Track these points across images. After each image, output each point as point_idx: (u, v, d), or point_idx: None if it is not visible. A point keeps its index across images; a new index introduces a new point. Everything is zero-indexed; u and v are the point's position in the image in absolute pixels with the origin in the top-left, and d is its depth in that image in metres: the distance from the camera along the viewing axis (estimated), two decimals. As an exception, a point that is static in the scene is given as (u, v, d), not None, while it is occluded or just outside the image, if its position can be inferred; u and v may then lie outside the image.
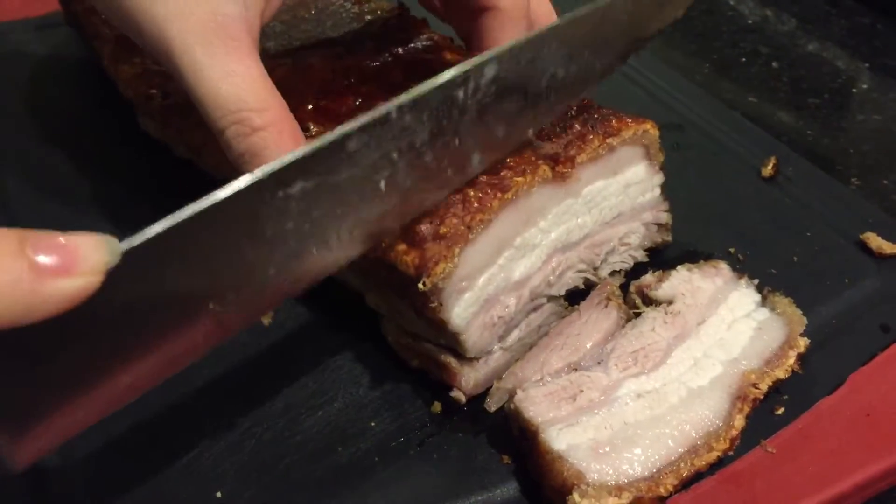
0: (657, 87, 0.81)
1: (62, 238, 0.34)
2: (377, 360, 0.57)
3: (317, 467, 0.51)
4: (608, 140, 0.56)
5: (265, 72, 0.52)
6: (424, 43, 0.66)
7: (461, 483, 0.50)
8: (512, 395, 0.51)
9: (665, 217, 0.62)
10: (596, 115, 0.57)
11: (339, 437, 0.52)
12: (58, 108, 0.81)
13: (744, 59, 0.93)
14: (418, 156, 0.46)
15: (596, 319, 0.55)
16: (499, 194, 0.51)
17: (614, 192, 0.58)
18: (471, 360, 0.53)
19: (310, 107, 0.60)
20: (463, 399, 0.53)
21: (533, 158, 0.54)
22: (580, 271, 0.59)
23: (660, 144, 0.59)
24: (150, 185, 0.70)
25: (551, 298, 0.58)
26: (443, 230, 0.50)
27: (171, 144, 0.69)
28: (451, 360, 0.53)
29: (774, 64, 0.93)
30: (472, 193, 0.51)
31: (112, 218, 0.67)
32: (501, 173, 0.52)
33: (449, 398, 0.54)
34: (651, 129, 0.58)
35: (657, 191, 0.61)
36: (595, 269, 0.60)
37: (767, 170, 0.71)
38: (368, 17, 0.71)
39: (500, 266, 0.53)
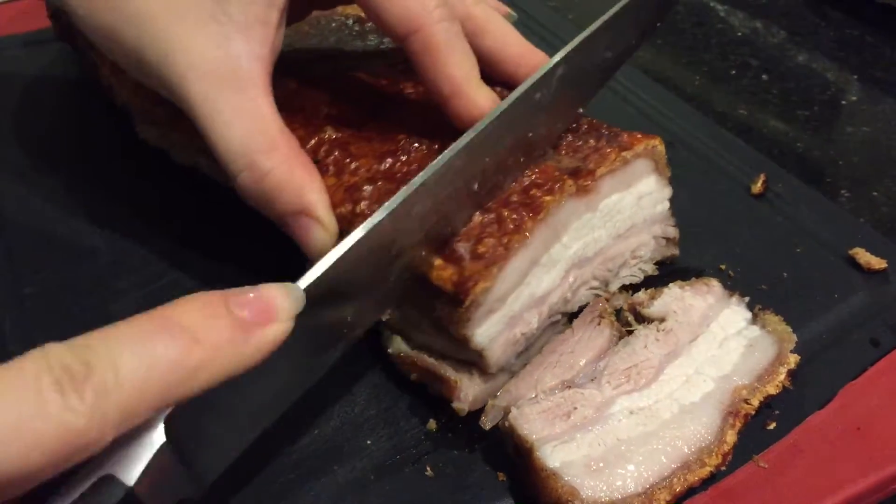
0: (647, 104, 0.82)
1: (253, 293, 0.39)
2: (373, 378, 0.57)
3: (313, 486, 0.51)
4: (623, 153, 0.56)
5: (275, 110, 0.53)
6: None
7: (457, 500, 0.50)
8: (506, 412, 0.51)
9: (673, 231, 0.63)
10: (605, 132, 0.58)
11: (336, 456, 0.53)
12: (50, 124, 0.81)
13: (734, 72, 0.94)
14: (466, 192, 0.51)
15: (589, 337, 0.55)
16: (532, 214, 0.52)
17: (628, 205, 0.59)
18: (471, 374, 0.54)
19: (322, 115, 0.60)
20: (464, 411, 0.53)
21: (556, 173, 0.54)
22: (593, 288, 0.60)
23: (667, 160, 0.60)
24: (152, 194, 0.71)
25: (565, 315, 0.59)
26: (481, 249, 0.50)
27: (172, 151, 0.69)
28: (451, 374, 0.53)
29: (764, 76, 0.93)
30: (506, 214, 0.52)
31: (118, 230, 0.67)
32: (531, 192, 0.53)
33: (444, 416, 0.54)
34: (659, 145, 0.59)
35: (666, 204, 0.62)
36: (607, 284, 0.61)
37: (757, 187, 0.71)
38: (371, 35, 0.71)
39: (527, 284, 0.53)
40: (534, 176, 0.54)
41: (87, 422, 0.32)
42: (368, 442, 0.53)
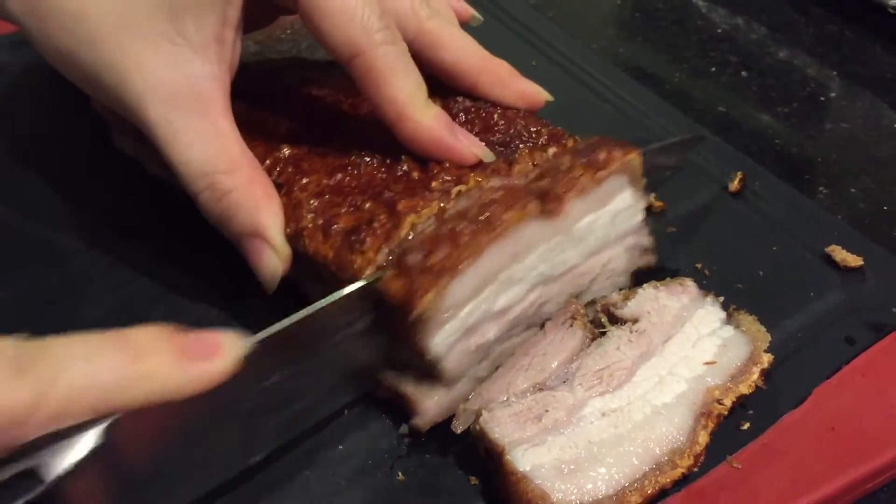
0: (625, 102, 0.81)
1: (203, 333, 0.42)
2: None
3: (284, 492, 0.51)
4: (598, 175, 0.55)
5: (235, 129, 0.54)
6: None
7: (429, 505, 0.50)
8: (478, 415, 0.51)
9: (647, 240, 0.62)
10: (582, 149, 0.57)
11: (307, 461, 0.52)
12: (31, 125, 0.80)
13: (714, 68, 0.94)
14: None
15: (561, 339, 0.55)
16: (487, 230, 0.51)
17: (602, 225, 0.58)
18: (431, 389, 0.53)
19: (283, 129, 0.60)
20: (424, 428, 0.53)
21: (521, 193, 0.53)
22: (559, 303, 0.59)
23: (643, 170, 0.59)
24: (125, 203, 0.70)
25: (529, 327, 0.58)
26: (431, 261, 0.49)
27: (145, 162, 0.69)
28: (410, 389, 0.53)
29: (744, 72, 0.93)
30: (460, 227, 0.51)
31: (91, 237, 0.67)
32: (491, 208, 0.52)
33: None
34: (636, 158, 0.57)
35: (640, 215, 0.61)
36: (577, 297, 0.59)
37: (734, 185, 0.71)
38: None
39: (484, 298, 0.52)
40: (496, 195, 0.53)
41: (25, 403, 0.35)
42: (340, 447, 0.53)
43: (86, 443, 0.38)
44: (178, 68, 0.52)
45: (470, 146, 0.56)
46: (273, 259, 0.53)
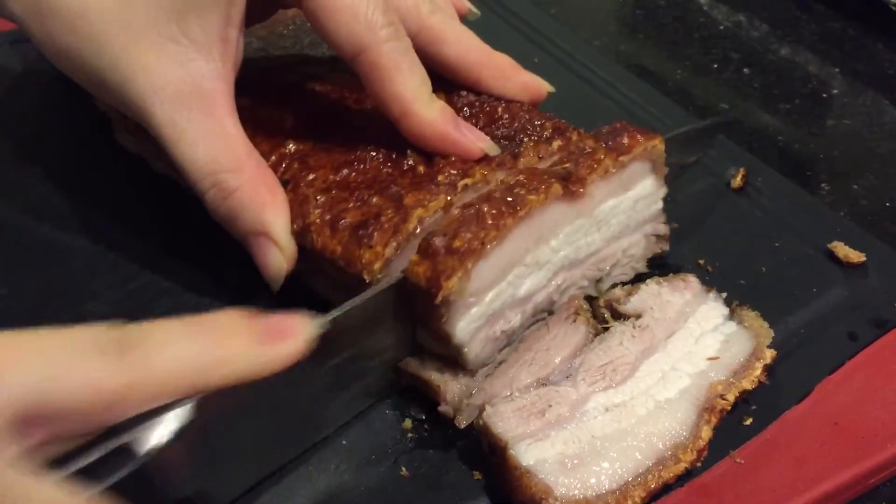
0: (627, 98, 0.81)
1: (276, 316, 0.43)
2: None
3: (287, 486, 0.51)
4: (620, 158, 0.56)
5: (240, 128, 0.54)
6: None
7: (432, 500, 0.50)
8: (481, 410, 0.51)
9: (664, 228, 0.63)
10: (605, 132, 0.58)
11: (311, 456, 0.52)
12: (35, 122, 0.80)
13: (716, 66, 0.94)
14: None
15: (565, 334, 0.55)
16: (513, 212, 0.51)
17: (624, 209, 0.58)
18: (454, 375, 0.53)
19: (289, 124, 0.60)
20: (451, 414, 0.53)
21: (545, 176, 0.53)
22: (582, 287, 0.59)
23: (665, 158, 0.59)
24: (129, 199, 0.70)
25: (552, 313, 0.58)
26: (456, 244, 0.49)
27: (149, 159, 0.69)
28: (434, 377, 0.53)
29: (746, 70, 0.93)
30: (485, 209, 0.51)
31: (91, 232, 0.67)
32: (515, 190, 0.52)
33: (420, 415, 0.54)
34: (660, 144, 0.58)
35: (660, 203, 0.61)
36: (598, 282, 0.60)
37: (736, 181, 0.71)
38: None
39: (509, 283, 0.53)
40: (521, 176, 0.53)
41: (124, 383, 0.37)
42: (344, 442, 0.53)
43: (173, 421, 0.40)
44: (182, 68, 0.52)
45: (475, 140, 0.56)
46: (278, 257, 0.53)
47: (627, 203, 0.58)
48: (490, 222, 0.50)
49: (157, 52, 0.53)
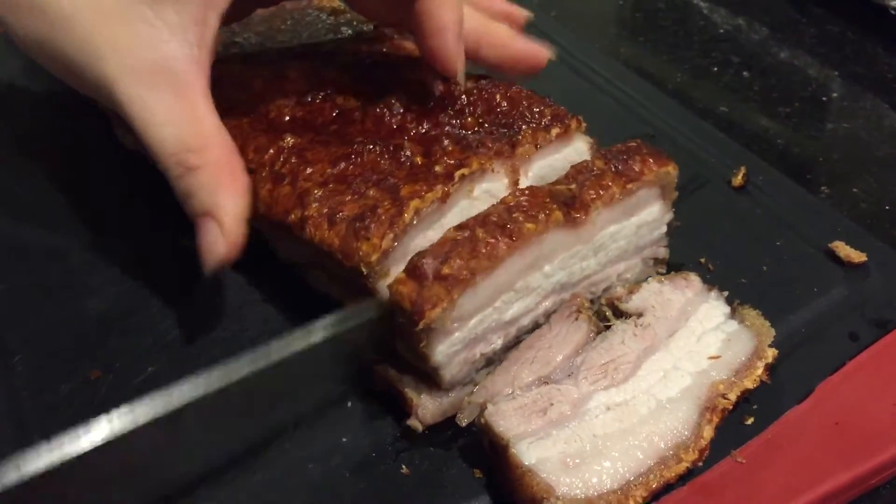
0: (628, 96, 0.81)
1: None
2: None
3: (288, 483, 0.51)
4: (628, 186, 0.54)
5: (212, 109, 0.53)
6: (399, 54, 0.67)
7: (432, 498, 0.50)
8: (483, 408, 0.51)
9: (663, 252, 0.62)
10: (616, 151, 0.56)
11: (311, 453, 0.52)
12: (34, 120, 0.80)
13: (715, 69, 0.94)
14: None
15: (566, 332, 0.55)
16: (508, 241, 0.50)
17: (626, 235, 0.57)
18: (429, 390, 0.53)
19: (287, 118, 0.60)
20: (420, 428, 0.53)
21: (547, 200, 0.52)
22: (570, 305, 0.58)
23: (676, 184, 0.58)
24: (127, 196, 0.70)
25: (534, 328, 0.57)
26: (445, 270, 0.48)
27: (147, 156, 0.68)
28: (409, 391, 0.53)
29: (746, 73, 0.93)
30: (481, 235, 0.50)
31: (89, 229, 0.67)
32: (514, 215, 0.51)
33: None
34: (672, 171, 0.57)
35: (664, 228, 0.60)
36: (590, 301, 0.59)
37: (738, 179, 0.71)
38: (344, 28, 0.71)
39: (495, 308, 0.52)
40: (522, 198, 0.52)
41: None
42: (345, 440, 0.53)
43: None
44: (154, 49, 0.52)
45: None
46: (219, 240, 0.52)
47: (630, 229, 0.57)
48: (483, 251, 0.49)
49: (128, 33, 0.52)
